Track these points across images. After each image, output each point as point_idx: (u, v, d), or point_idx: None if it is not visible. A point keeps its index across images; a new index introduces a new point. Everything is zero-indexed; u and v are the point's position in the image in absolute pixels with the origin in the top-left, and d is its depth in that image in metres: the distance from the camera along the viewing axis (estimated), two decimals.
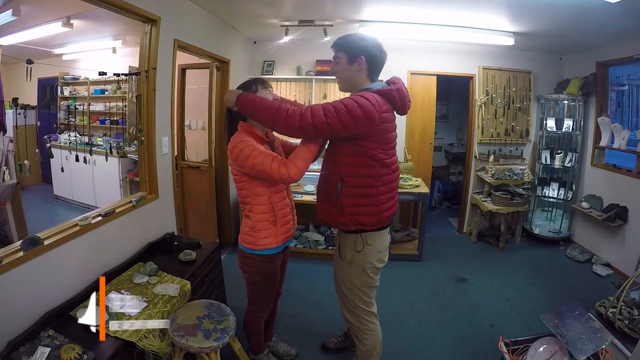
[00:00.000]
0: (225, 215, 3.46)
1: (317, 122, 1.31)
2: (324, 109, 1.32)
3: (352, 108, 1.31)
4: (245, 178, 1.51)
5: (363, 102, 1.32)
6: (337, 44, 1.48)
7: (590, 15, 2.44)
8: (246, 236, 1.60)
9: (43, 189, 2.86)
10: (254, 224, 1.57)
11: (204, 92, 3.22)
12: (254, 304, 1.76)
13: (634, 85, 3.29)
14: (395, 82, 1.47)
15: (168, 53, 2.22)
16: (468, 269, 3.23)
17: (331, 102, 1.35)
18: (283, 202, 1.62)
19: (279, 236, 1.60)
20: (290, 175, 1.36)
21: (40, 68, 2.32)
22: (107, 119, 3.06)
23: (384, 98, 1.40)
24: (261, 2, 2.60)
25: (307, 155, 1.41)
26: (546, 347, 1.85)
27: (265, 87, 1.58)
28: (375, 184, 1.46)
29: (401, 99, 1.46)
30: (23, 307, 1.35)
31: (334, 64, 1.50)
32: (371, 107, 1.32)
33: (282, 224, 1.61)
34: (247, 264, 1.64)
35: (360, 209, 1.47)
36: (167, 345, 1.49)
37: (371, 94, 1.37)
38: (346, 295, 1.64)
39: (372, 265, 1.57)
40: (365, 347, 1.70)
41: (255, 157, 1.39)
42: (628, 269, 2.91)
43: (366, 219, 1.49)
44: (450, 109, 5.48)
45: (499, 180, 3.68)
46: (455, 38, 3.25)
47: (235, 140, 1.47)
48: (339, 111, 1.30)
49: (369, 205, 1.48)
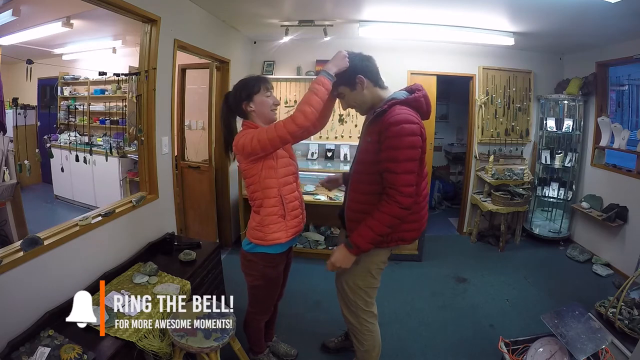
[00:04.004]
0: (225, 215, 3.46)
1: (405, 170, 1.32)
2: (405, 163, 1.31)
3: (412, 143, 1.31)
4: (254, 171, 1.50)
5: (410, 130, 1.30)
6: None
7: (590, 15, 2.44)
8: (254, 231, 1.57)
9: (43, 189, 2.86)
10: (262, 218, 1.54)
11: (204, 92, 3.23)
12: (255, 306, 1.76)
13: (634, 85, 3.29)
14: (419, 89, 1.45)
15: (168, 53, 2.22)
16: (468, 269, 3.23)
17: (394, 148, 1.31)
18: (292, 194, 1.60)
19: (288, 230, 1.58)
20: (296, 122, 1.33)
21: (40, 68, 2.32)
22: (107, 119, 3.06)
23: (412, 108, 1.38)
24: (261, 2, 2.60)
25: (313, 100, 1.35)
26: (546, 347, 1.84)
27: (267, 89, 1.55)
28: (418, 200, 1.44)
29: (427, 106, 1.44)
30: (23, 307, 1.35)
31: (342, 100, 1.50)
32: (418, 129, 1.33)
33: (292, 217, 1.59)
34: (250, 267, 1.63)
35: (405, 226, 1.45)
36: (167, 345, 1.49)
37: (407, 112, 1.34)
38: (348, 295, 1.64)
39: (377, 266, 1.57)
40: (364, 347, 1.70)
41: (258, 132, 1.41)
42: (628, 269, 2.91)
43: (409, 234, 1.49)
44: (450, 109, 5.48)
45: (499, 180, 3.68)
46: (455, 38, 3.25)
47: (239, 135, 1.48)
48: (408, 155, 1.31)
49: (412, 221, 1.47)
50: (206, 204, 3.32)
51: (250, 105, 1.53)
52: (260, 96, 1.53)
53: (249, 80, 1.56)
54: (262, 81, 1.55)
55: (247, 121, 1.56)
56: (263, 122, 1.56)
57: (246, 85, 1.54)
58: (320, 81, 1.36)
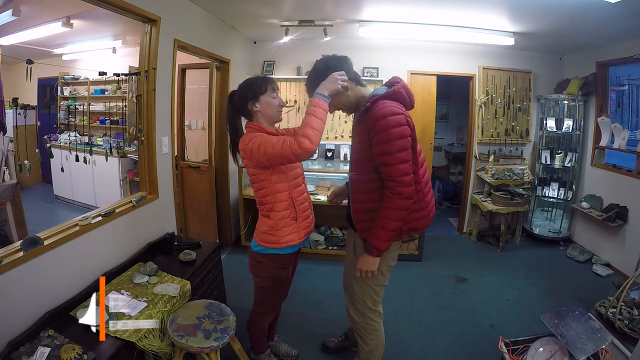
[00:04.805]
0: (225, 215, 3.46)
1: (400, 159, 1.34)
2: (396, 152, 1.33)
3: (400, 133, 1.32)
4: (264, 176, 1.49)
5: (396, 121, 1.32)
6: (312, 87, 1.43)
7: (590, 15, 2.44)
8: (266, 235, 1.56)
9: (43, 189, 2.85)
10: (275, 222, 1.53)
11: (204, 92, 3.23)
12: (261, 306, 1.75)
13: (634, 85, 3.29)
14: (397, 82, 1.47)
15: (168, 53, 2.22)
16: (468, 269, 3.23)
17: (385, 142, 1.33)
18: (302, 196, 1.60)
19: (301, 231, 1.58)
20: (302, 147, 1.31)
21: (40, 68, 2.31)
22: (107, 119, 3.06)
23: (394, 100, 1.40)
24: (261, 2, 2.60)
25: (315, 123, 1.34)
26: (546, 347, 1.85)
27: (273, 90, 1.54)
28: (419, 187, 1.46)
29: (408, 96, 1.47)
30: (23, 307, 1.35)
31: (330, 105, 1.47)
32: (404, 119, 1.35)
33: (303, 218, 1.59)
34: (259, 269, 1.63)
35: (412, 215, 1.46)
36: (167, 345, 1.49)
37: (390, 105, 1.35)
38: (356, 293, 1.64)
39: (388, 264, 1.57)
40: (369, 346, 1.70)
41: (266, 143, 1.39)
42: (628, 269, 2.91)
43: (418, 223, 1.50)
44: (450, 109, 5.48)
45: (499, 180, 3.68)
46: (455, 38, 3.25)
47: (246, 138, 1.46)
48: (399, 146, 1.33)
49: (419, 209, 1.48)
50: (206, 204, 3.32)
51: (256, 105, 1.51)
52: (266, 97, 1.52)
53: (255, 80, 1.55)
54: (268, 82, 1.54)
55: (251, 123, 1.54)
56: (268, 123, 1.55)
57: (253, 84, 1.52)
58: (315, 103, 1.36)
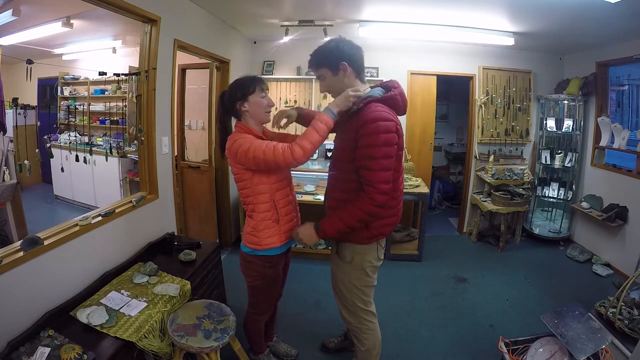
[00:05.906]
0: (225, 215, 3.46)
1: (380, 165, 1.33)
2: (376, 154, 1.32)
3: (388, 140, 1.32)
4: (246, 177, 1.50)
5: (386, 127, 1.32)
6: (315, 61, 1.45)
7: (590, 15, 2.44)
8: (249, 236, 1.58)
9: (43, 189, 2.86)
10: (256, 223, 1.55)
11: (204, 92, 3.23)
12: (254, 306, 1.76)
13: (634, 85, 3.29)
14: (395, 87, 1.46)
15: (168, 53, 2.22)
16: (468, 269, 3.23)
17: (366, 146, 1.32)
18: (286, 199, 1.60)
19: (282, 235, 1.58)
20: (295, 157, 1.34)
21: (40, 68, 2.32)
22: (107, 119, 3.06)
23: (388, 105, 1.39)
24: (261, 2, 2.60)
25: (314, 138, 1.37)
26: (546, 347, 1.84)
27: (262, 90, 1.54)
28: (395, 195, 1.47)
29: (403, 102, 1.46)
30: (23, 307, 1.35)
31: (321, 82, 1.49)
32: (394, 126, 1.34)
33: (285, 222, 1.59)
34: (249, 268, 1.63)
35: (382, 221, 1.48)
36: (167, 345, 1.49)
37: (383, 110, 1.34)
38: (345, 295, 1.64)
39: (371, 263, 1.57)
40: (365, 346, 1.70)
41: (255, 148, 1.39)
42: (628, 269, 2.91)
43: (387, 228, 1.52)
44: (450, 109, 5.48)
45: (499, 180, 3.68)
46: (455, 38, 3.25)
47: (232, 139, 1.46)
48: (384, 153, 1.32)
49: (390, 216, 1.50)
50: (206, 204, 3.32)
51: (244, 106, 1.51)
52: (255, 97, 1.51)
53: (244, 79, 1.54)
54: (257, 81, 1.53)
55: (240, 123, 1.54)
56: (256, 124, 1.55)
57: (242, 85, 1.52)
58: (323, 120, 1.38)
